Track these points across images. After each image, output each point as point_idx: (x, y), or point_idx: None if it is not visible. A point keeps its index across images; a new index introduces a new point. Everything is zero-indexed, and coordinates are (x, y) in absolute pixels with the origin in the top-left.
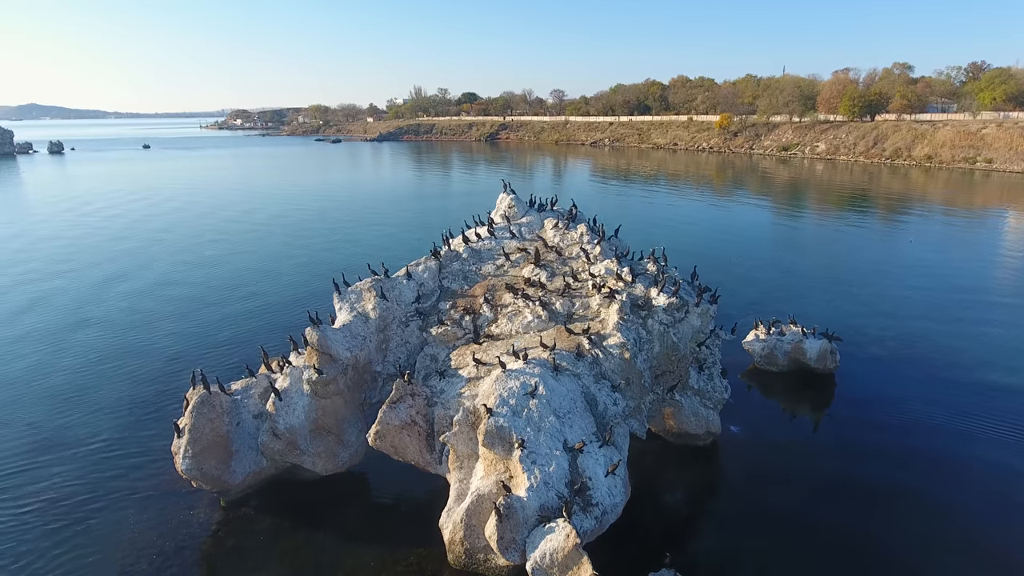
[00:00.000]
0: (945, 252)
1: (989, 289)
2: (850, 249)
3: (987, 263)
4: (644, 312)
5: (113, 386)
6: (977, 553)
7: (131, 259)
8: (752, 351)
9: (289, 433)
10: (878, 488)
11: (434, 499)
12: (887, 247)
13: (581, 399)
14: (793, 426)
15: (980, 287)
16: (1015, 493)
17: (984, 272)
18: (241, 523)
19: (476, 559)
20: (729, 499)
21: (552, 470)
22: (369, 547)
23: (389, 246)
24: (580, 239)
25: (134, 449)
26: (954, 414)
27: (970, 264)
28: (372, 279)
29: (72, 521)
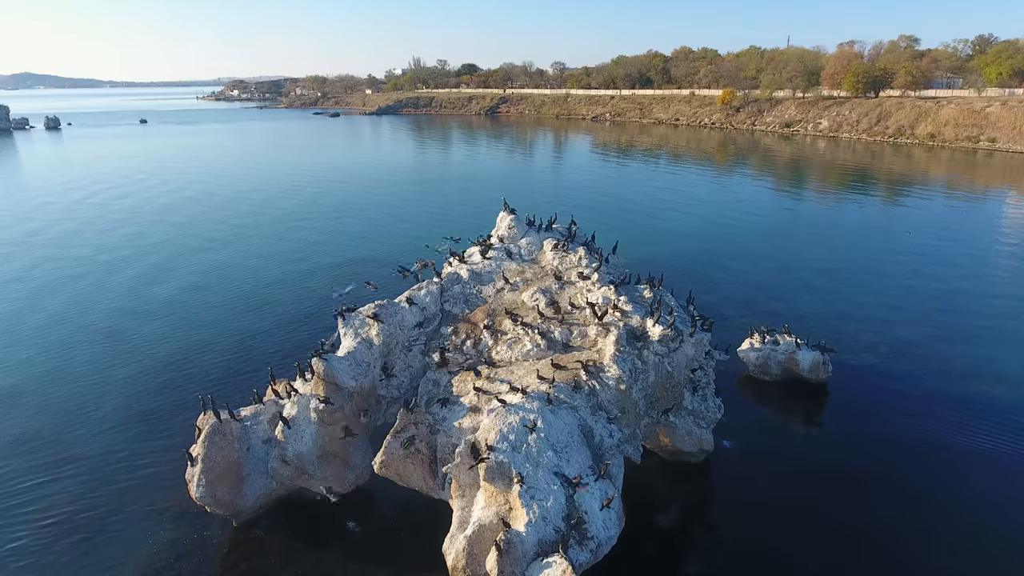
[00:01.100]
0: (943, 242)
1: (984, 283)
2: (848, 241)
3: (984, 254)
4: (640, 343)
5: (124, 395)
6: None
7: (139, 257)
8: (746, 360)
9: (298, 459)
10: (865, 505)
11: (437, 519)
12: (886, 238)
13: (578, 432)
14: (785, 440)
15: (975, 283)
16: (1002, 508)
17: (980, 265)
18: (253, 545)
19: None
20: (720, 518)
21: (550, 505)
22: (376, 569)
23: (395, 232)
24: (579, 263)
25: (145, 461)
26: (941, 426)
27: (967, 256)
28: (375, 304)
29: (90, 537)
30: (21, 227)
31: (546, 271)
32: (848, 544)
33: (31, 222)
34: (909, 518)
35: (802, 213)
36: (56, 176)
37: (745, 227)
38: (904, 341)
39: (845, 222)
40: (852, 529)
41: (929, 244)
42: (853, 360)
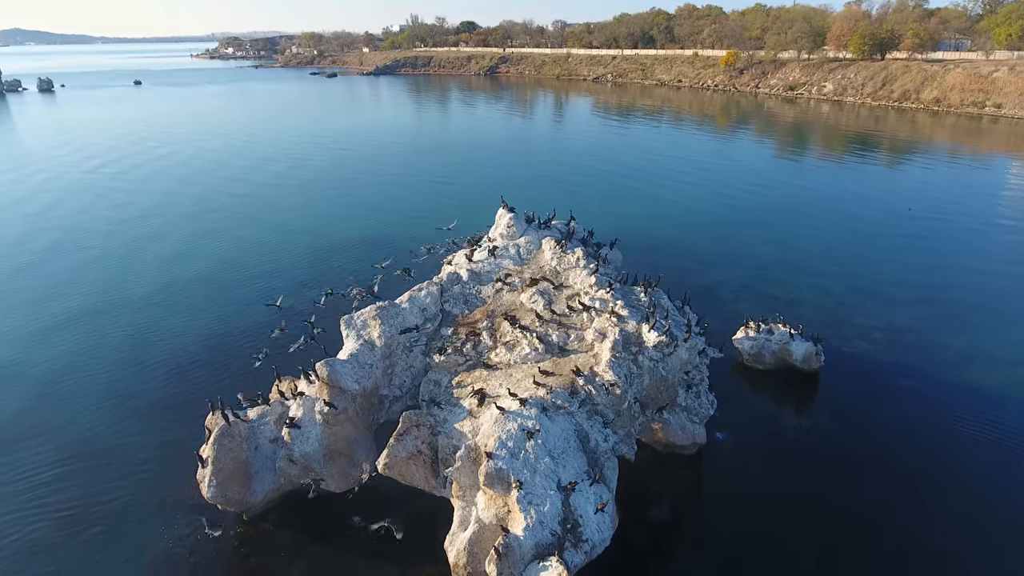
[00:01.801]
0: (944, 216)
1: (981, 263)
2: (848, 216)
3: (984, 229)
4: (635, 349)
5: (134, 384)
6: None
7: (151, 240)
8: (741, 349)
9: (304, 459)
10: (855, 493)
11: (439, 515)
12: (886, 214)
13: (574, 438)
14: (777, 431)
15: (972, 263)
16: (991, 496)
17: (979, 241)
18: (263, 538)
19: None
20: (713, 510)
21: (547, 509)
22: (381, 564)
23: (399, 210)
24: (576, 263)
25: (156, 453)
26: (931, 416)
27: (966, 233)
28: (377, 306)
29: (106, 530)
30: (28, 205)
31: (544, 271)
32: (840, 530)
33: (36, 201)
34: (899, 505)
35: (802, 183)
36: (57, 146)
37: (745, 199)
38: (897, 327)
39: (845, 195)
40: (843, 516)
41: (929, 220)
42: (846, 347)
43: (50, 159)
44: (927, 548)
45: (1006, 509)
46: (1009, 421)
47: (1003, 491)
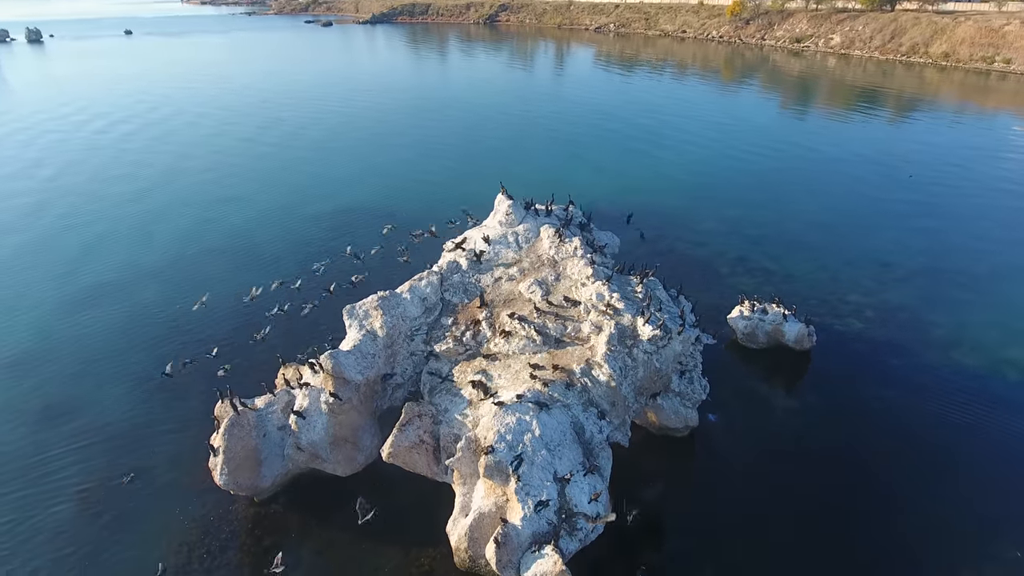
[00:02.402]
0: (945, 185)
1: (978, 237)
2: (848, 183)
3: (984, 199)
4: (631, 342)
5: (143, 361)
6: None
7: (154, 208)
8: (735, 327)
9: (311, 447)
10: (842, 472)
11: (441, 499)
12: (888, 180)
13: (570, 430)
14: (767, 413)
15: (968, 238)
16: (967, 476)
17: (978, 215)
18: (274, 521)
19: (479, 564)
20: (704, 491)
21: (544, 499)
22: (386, 546)
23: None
24: (574, 253)
25: (168, 435)
26: (918, 397)
27: (965, 203)
28: (378, 297)
29: (123, 511)
30: (33, 171)
31: (543, 260)
32: (825, 511)
33: (46, 166)
34: (881, 486)
35: (806, 144)
36: (54, 103)
37: (747, 162)
38: (890, 305)
39: (848, 156)
40: (829, 497)
41: (931, 185)
42: (838, 326)
43: (55, 119)
44: (908, 528)
45: (981, 489)
46: (988, 404)
47: (977, 472)
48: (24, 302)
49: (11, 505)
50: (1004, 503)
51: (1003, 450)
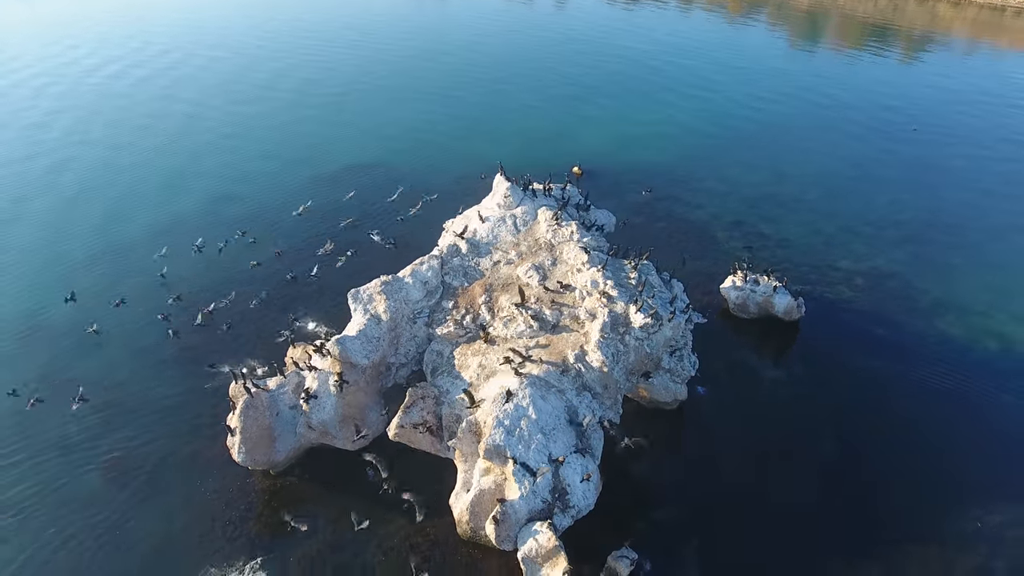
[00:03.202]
0: (945, 139)
1: (973, 199)
2: (851, 138)
3: (984, 156)
4: (623, 329)
5: (154, 333)
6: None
7: (164, 168)
8: (727, 297)
9: (321, 425)
10: (828, 442)
11: (444, 472)
12: (888, 136)
13: (564, 414)
14: (754, 385)
15: (963, 199)
16: (947, 441)
17: (976, 173)
18: (290, 492)
19: (479, 535)
20: (690, 464)
21: (539, 481)
22: (394, 516)
23: None
24: (571, 237)
25: (186, 407)
26: (901, 366)
27: (964, 160)
28: (381, 281)
29: (149, 482)
30: (32, 116)
31: (540, 244)
32: (808, 480)
33: (45, 116)
34: (864, 455)
35: (811, 91)
36: (53, 44)
37: (750, 113)
38: (879, 272)
39: (854, 103)
40: (812, 467)
41: (933, 141)
42: (828, 294)
43: (50, 62)
44: (889, 495)
45: (960, 453)
46: (968, 373)
47: (956, 440)
48: (52, 269)
49: (45, 473)
50: (981, 469)
51: (981, 418)
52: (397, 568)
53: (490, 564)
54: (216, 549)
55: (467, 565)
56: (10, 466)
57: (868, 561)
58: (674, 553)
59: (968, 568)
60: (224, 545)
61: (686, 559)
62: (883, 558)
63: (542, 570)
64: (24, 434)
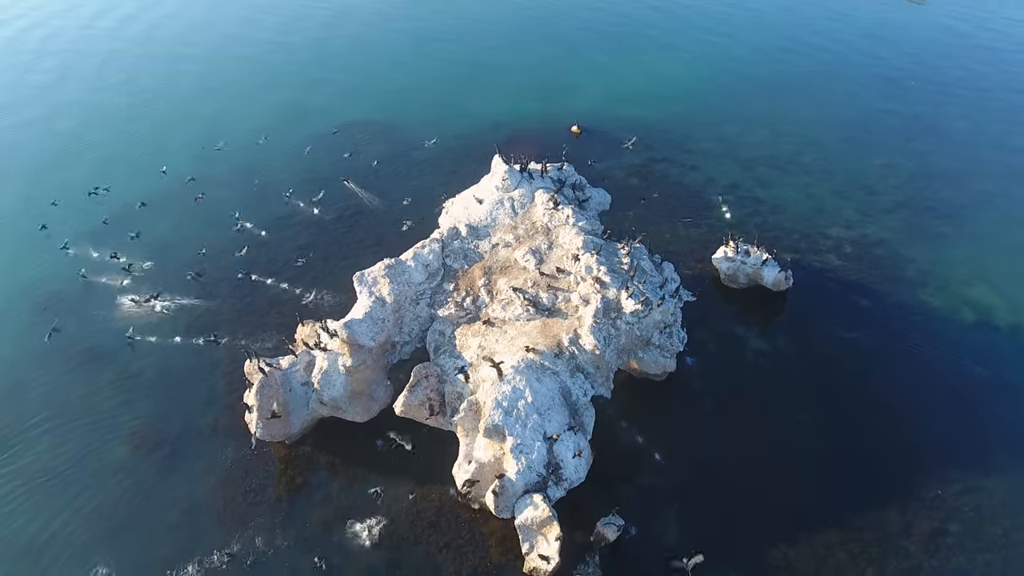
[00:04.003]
0: (946, 96)
1: (967, 162)
2: (850, 93)
3: (984, 117)
4: (614, 314)
5: (171, 306)
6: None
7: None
8: (719, 267)
9: (332, 401)
10: (801, 416)
11: (447, 443)
12: (891, 89)
13: (559, 395)
14: (740, 354)
15: (958, 163)
16: (921, 410)
17: (973, 134)
18: (304, 461)
19: (480, 502)
20: (676, 431)
21: (534, 457)
22: (402, 483)
23: None
24: (567, 221)
25: (202, 379)
26: (880, 336)
27: (963, 122)
28: (385, 265)
29: (173, 452)
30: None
31: (537, 228)
32: (787, 444)
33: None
34: (838, 422)
35: (812, 42)
36: None
37: (750, 66)
38: (869, 240)
39: (857, 53)
40: (791, 432)
41: (930, 99)
42: (816, 263)
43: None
44: (858, 461)
45: (928, 423)
46: (946, 345)
47: (927, 406)
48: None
49: (77, 442)
50: (946, 438)
51: (950, 389)
52: (406, 529)
53: (490, 528)
54: (240, 514)
55: (469, 529)
56: (43, 433)
57: (833, 524)
58: (657, 518)
59: (925, 531)
60: (247, 511)
61: (668, 523)
62: (846, 521)
63: (537, 536)
64: (53, 403)
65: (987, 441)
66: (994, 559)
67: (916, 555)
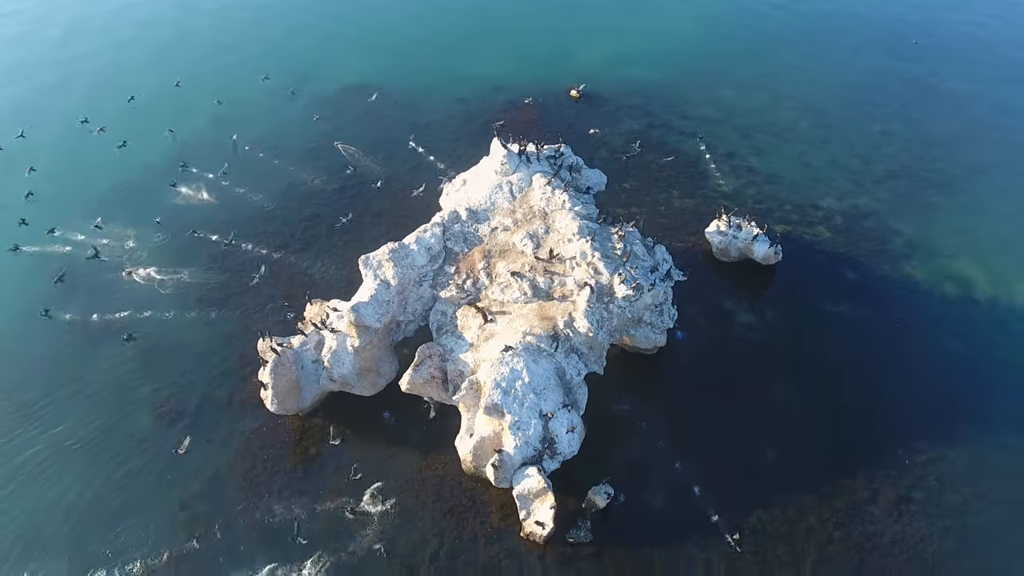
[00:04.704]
0: (947, 56)
1: (969, 120)
2: (852, 53)
3: (984, 81)
4: (607, 299)
5: (185, 274)
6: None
7: None
8: (711, 241)
9: (342, 378)
10: (783, 388)
11: (450, 416)
12: (894, 46)
13: (554, 375)
14: (729, 328)
15: (954, 130)
16: (897, 382)
17: (969, 100)
18: (317, 432)
19: (480, 472)
20: (666, 403)
21: (531, 433)
22: (409, 453)
23: None
24: (563, 206)
25: (215, 354)
26: (864, 309)
27: (963, 84)
28: (389, 249)
29: (193, 423)
30: None
31: (534, 212)
32: (767, 416)
33: None
34: (819, 394)
35: None
36: None
37: (754, 22)
38: (859, 211)
39: (863, 10)
40: (776, 402)
41: (933, 57)
42: (807, 234)
43: None
44: (833, 431)
45: (903, 395)
46: (925, 317)
47: (903, 379)
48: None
49: (103, 413)
50: (918, 410)
51: (928, 362)
52: (412, 496)
53: (490, 495)
54: (260, 483)
55: (470, 497)
56: (72, 405)
57: (806, 490)
58: (644, 485)
59: (890, 498)
60: (266, 479)
61: (654, 490)
62: (819, 487)
63: (533, 504)
64: (77, 376)
65: (955, 413)
66: (953, 525)
67: (880, 520)
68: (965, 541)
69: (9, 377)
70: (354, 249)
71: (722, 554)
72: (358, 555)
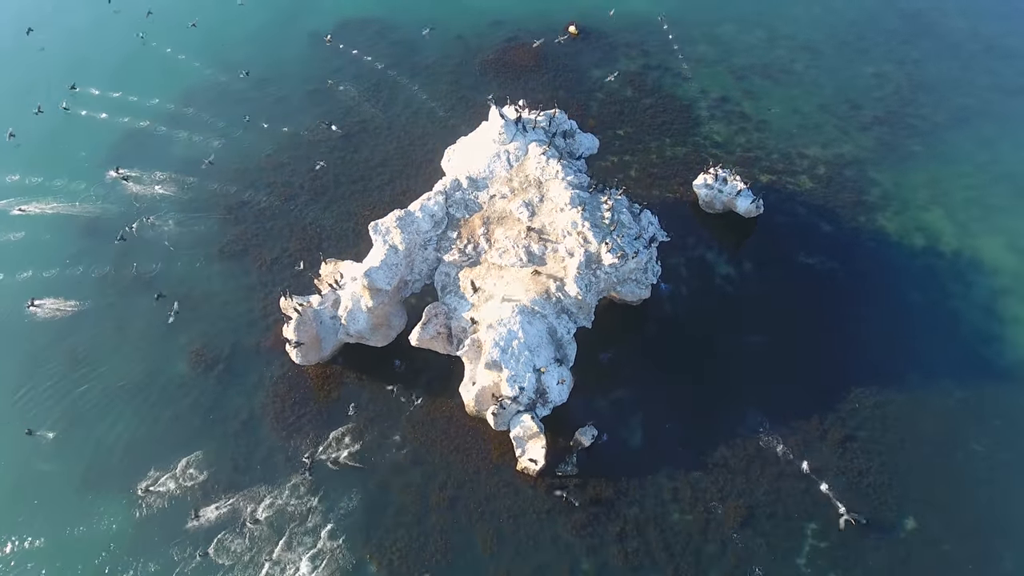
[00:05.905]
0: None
1: (960, 65)
2: (849, 22)
3: (983, 27)
4: (595, 265)
5: (206, 225)
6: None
7: None
8: (698, 193)
9: (357, 333)
10: (760, 334)
11: (455, 365)
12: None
13: (546, 334)
14: (709, 279)
15: (947, 71)
16: (858, 331)
17: (966, 39)
18: (335, 378)
19: (482, 415)
20: (647, 350)
21: (525, 385)
22: (420, 397)
23: None
24: (556, 176)
25: (241, 303)
26: (834, 263)
27: (963, 20)
28: (396, 216)
29: (226, 369)
30: None
31: (530, 180)
32: (737, 363)
33: None
34: (785, 342)
35: None
36: None
37: None
38: (842, 160)
39: None
40: (742, 351)
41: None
42: (790, 185)
43: None
44: (801, 376)
45: (863, 343)
46: (891, 273)
47: (865, 328)
48: None
49: (146, 362)
50: (875, 359)
51: (890, 312)
52: (423, 434)
53: (489, 436)
54: (289, 424)
55: (473, 435)
56: (115, 352)
57: (767, 430)
58: (624, 425)
59: (838, 437)
60: (295, 421)
61: (633, 429)
62: (778, 427)
63: (527, 444)
64: (119, 327)
65: (905, 361)
66: (887, 461)
67: (827, 455)
68: (896, 473)
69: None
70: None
71: (687, 483)
72: (376, 485)
